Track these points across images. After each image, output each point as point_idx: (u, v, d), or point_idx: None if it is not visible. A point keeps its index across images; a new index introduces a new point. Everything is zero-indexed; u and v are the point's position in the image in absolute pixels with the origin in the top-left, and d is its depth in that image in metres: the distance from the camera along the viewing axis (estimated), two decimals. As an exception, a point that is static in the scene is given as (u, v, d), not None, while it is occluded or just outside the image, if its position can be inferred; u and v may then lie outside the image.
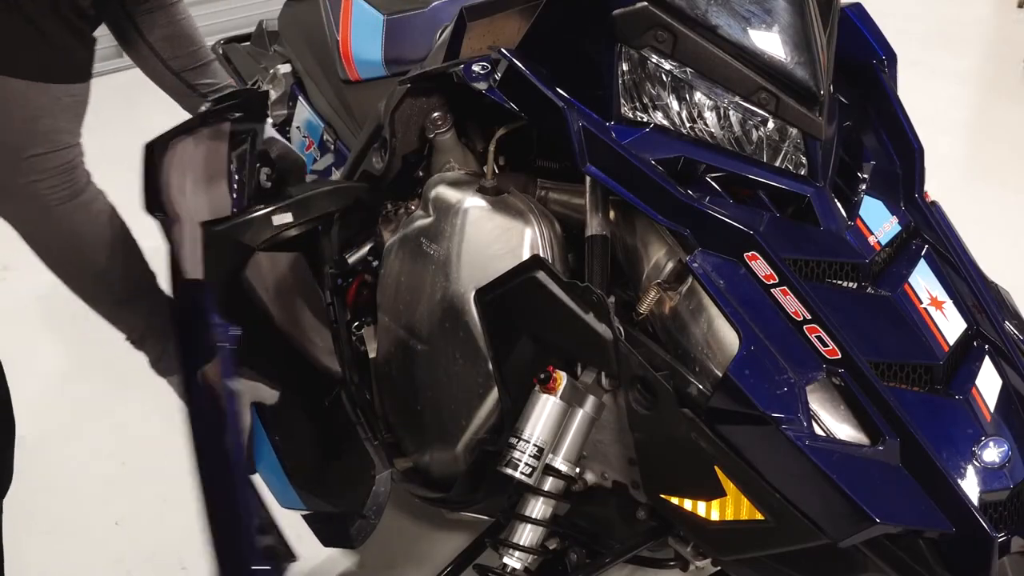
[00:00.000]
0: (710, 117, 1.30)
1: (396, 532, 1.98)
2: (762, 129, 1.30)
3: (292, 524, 2.00)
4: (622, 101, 1.30)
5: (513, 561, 1.33)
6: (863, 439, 1.16)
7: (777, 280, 1.20)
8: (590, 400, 1.33)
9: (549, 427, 1.32)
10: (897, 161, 1.44)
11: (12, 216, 1.23)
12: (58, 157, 1.15)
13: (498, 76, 1.33)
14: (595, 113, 1.31)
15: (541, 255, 1.36)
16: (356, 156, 1.80)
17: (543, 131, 1.37)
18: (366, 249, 1.61)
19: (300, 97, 2.35)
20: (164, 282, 2.73)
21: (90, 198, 1.20)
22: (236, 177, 1.49)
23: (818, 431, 1.14)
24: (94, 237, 1.23)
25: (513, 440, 1.32)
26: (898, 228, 1.36)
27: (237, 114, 1.51)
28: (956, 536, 1.11)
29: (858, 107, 1.49)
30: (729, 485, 1.20)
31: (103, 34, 1.55)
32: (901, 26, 4.18)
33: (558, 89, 1.30)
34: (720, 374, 1.18)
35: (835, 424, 1.17)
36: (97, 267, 1.26)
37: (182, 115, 3.60)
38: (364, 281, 1.64)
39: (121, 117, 3.88)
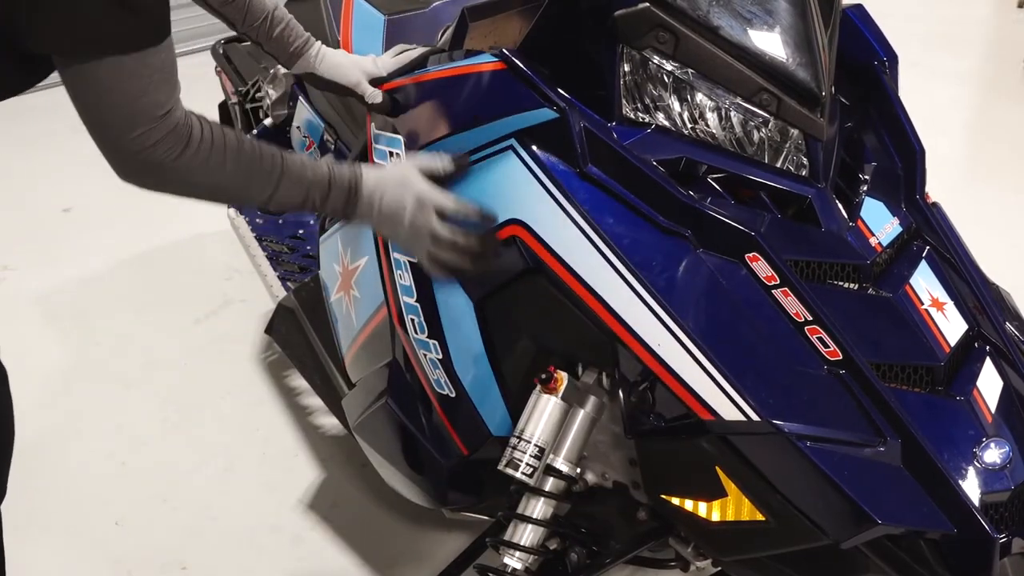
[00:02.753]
0: (711, 118, 1.30)
1: (396, 532, 1.98)
2: (763, 130, 1.30)
3: (292, 524, 2.00)
4: (624, 102, 1.30)
5: (514, 561, 1.33)
6: (864, 440, 1.15)
7: (778, 281, 1.20)
8: (591, 400, 1.33)
9: (550, 427, 1.32)
10: (898, 162, 1.44)
11: (149, 185, 1.25)
12: (163, 126, 1.17)
13: None
14: (596, 114, 1.30)
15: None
16: (356, 156, 1.79)
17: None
18: None
19: (300, 97, 2.35)
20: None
21: (198, 135, 1.20)
22: None
23: (819, 432, 1.14)
24: (223, 166, 1.23)
25: (514, 440, 1.32)
26: (899, 229, 1.36)
27: None
28: (957, 537, 1.11)
29: (859, 108, 1.49)
30: (730, 485, 1.20)
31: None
32: (901, 26, 4.17)
33: (559, 90, 1.30)
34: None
35: (836, 425, 1.17)
36: (248, 184, 1.26)
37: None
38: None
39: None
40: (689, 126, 1.30)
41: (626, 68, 1.30)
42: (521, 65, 1.31)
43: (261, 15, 1.54)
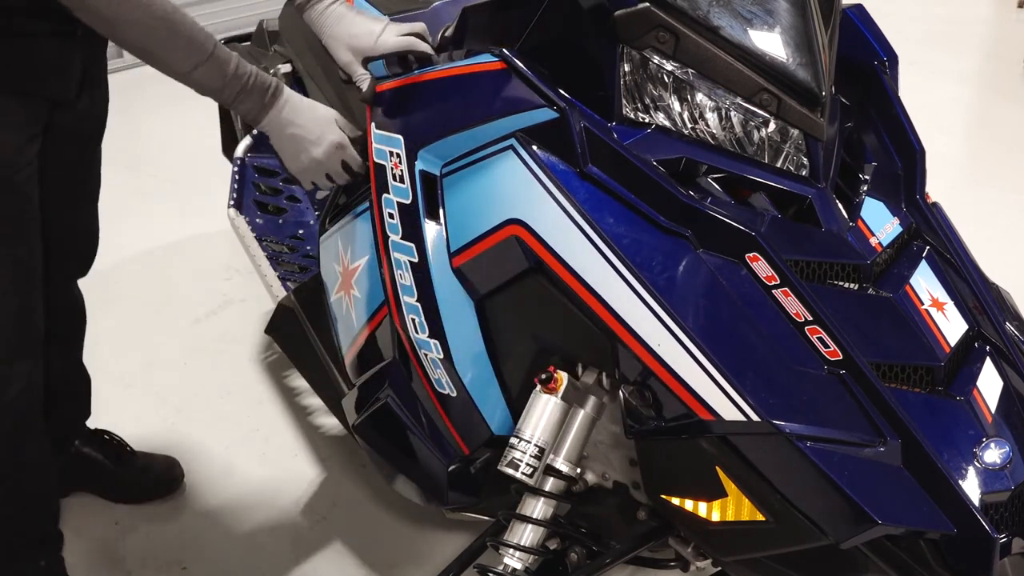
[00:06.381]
0: (712, 118, 1.30)
1: (396, 532, 1.98)
2: (763, 130, 1.30)
3: (292, 524, 2.00)
4: (624, 102, 1.31)
5: (514, 561, 1.33)
6: (864, 440, 1.16)
7: (778, 281, 1.20)
8: (591, 400, 1.33)
9: (550, 427, 1.32)
10: (898, 162, 1.44)
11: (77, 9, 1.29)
12: None
13: None
14: (597, 114, 1.31)
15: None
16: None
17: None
18: None
19: (300, 97, 2.34)
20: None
21: None
22: None
23: (819, 432, 1.14)
24: (151, 12, 1.31)
25: (514, 440, 1.32)
26: (899, 229, 1.36)
27: None
28: (957, 537, 1.12)
29: (859, 108, 1.49)
30: (730, 485, 1.20)
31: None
32: (901, 26, 4.18)
33: (559, 90, 1.30)
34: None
35: (836, 425, 1.17)
36: None
37: (179, 115, 3.61)
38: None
39: (119, 118, 3.88)
40: (689, 126, 1.30)
41: (626, 68, 1.30)
42: (521, 65, 1.31)
43: None
